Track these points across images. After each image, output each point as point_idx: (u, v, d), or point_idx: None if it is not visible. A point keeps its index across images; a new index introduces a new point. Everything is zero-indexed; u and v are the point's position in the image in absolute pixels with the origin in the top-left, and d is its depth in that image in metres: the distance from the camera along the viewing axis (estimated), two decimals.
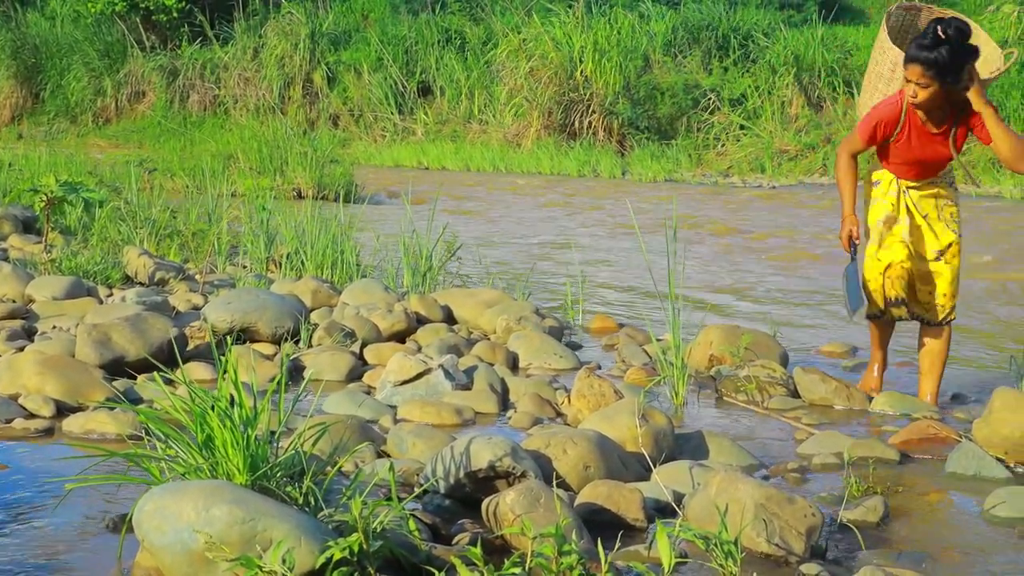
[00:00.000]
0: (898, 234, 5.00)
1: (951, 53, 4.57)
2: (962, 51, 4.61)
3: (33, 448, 4.10)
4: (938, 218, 5.07)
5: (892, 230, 5.02)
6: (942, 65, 4.59)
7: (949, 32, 4.56)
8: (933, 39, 4.58)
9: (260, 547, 2.66)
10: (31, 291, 6.47)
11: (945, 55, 4.57)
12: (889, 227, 5.03)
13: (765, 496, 3.18)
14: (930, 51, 4.58)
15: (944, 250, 5.05)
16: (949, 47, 4.57)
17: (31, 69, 27.43)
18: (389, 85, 24.57)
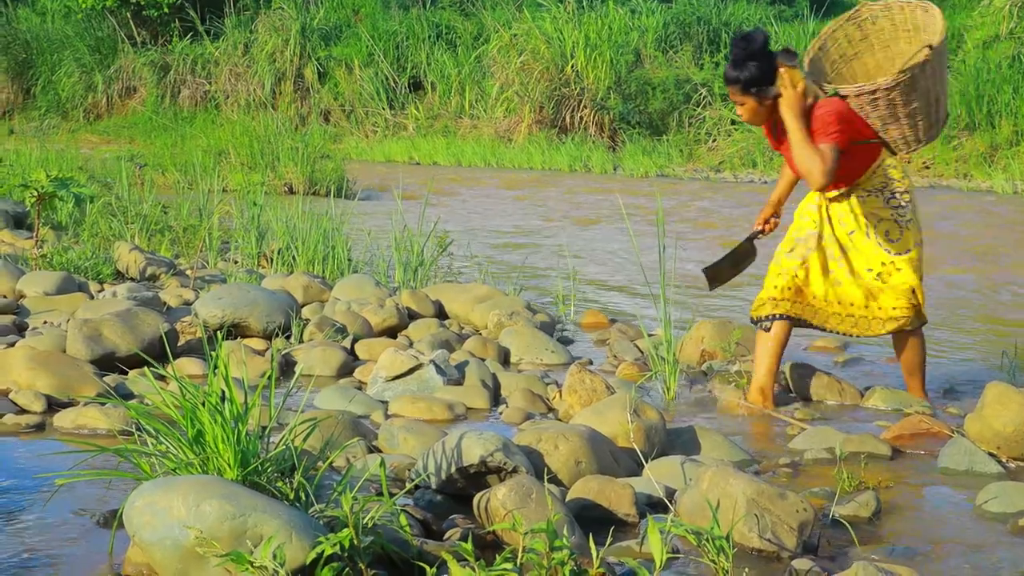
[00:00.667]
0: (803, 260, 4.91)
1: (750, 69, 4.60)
2: (761, 59, 4.60)
3: (24, 443, 4.08)
4: (867, 236, 4.84)
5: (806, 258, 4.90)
6: (747, 81, 4.62)
7: (744, 45, 4.62)
8: (732, 58, 4.65)
9: (251, 543, 2.65)
10: (22, 286, 6.45)
11: (745, 72, 4.61)
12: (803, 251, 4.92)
13: (757, 491, 3.18)
14: (733, 69, 4.64)
15: (879, 271, 4.82)
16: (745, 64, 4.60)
17: (22, 65, 27.35)
18: (380, 80, 24.53)
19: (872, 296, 4.83)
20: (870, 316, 4.85)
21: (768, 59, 4.60)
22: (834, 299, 4.87)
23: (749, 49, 4.59)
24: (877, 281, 4.81)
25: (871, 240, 4.82)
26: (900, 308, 4.80)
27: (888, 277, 4.80)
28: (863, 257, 4.83)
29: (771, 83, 4.60)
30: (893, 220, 4.83)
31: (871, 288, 4.82)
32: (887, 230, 4.83)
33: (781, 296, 4.88)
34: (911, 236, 4.84)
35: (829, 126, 4.55)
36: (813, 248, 4.88)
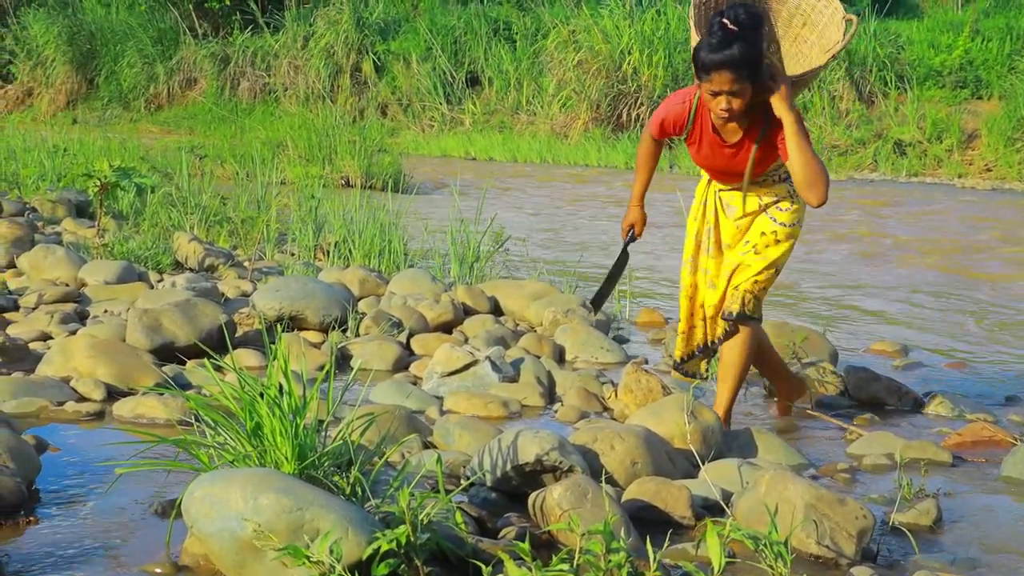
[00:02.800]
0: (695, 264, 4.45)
1: (752, 44, 3.82)
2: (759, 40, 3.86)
3: (84, 431, 4.13)
4: (760, 210, 4.31)
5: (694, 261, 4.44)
6: (751, 61, 3.82)
7: (742, 19, 3.81)
8: (725, 34, 3.80)
9: (307, 537, 2.66)
10: (84, 275, 6.53)
11: (749, 47, 3.80)
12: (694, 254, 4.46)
13: (816, 497, 3.15)
14: (729, 48, 3.79)
15: (755, 242, 4.28)
16: (747, 38, 3.80)
17: (86, 55, 27.70)
18: (438, 75, 24.56)
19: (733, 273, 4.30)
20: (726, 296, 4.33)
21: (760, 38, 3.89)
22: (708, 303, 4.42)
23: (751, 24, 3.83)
24: (749, 255, 4.26)
25: (763, 214, 4.30)
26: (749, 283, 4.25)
27: (764, 248, 4.25)
28: (748, 235, 4.30)
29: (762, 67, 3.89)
30: (787, 193, 4.29)
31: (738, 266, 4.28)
32: (780, 200, 4.29)
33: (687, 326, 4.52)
34: (800, 211, 4.32)
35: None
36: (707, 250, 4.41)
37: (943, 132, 19.37)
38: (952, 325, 7.37)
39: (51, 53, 27.58)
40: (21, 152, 12.96)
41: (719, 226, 4.38)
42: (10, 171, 11.60)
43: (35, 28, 27.66)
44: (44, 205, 9.74)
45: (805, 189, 3.97)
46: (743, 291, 4.24)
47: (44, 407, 4.30)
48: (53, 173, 11.59)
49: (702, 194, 4.47)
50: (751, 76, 3.83)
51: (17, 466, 3.31)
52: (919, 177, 18.73)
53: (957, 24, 21.94)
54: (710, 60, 3.81)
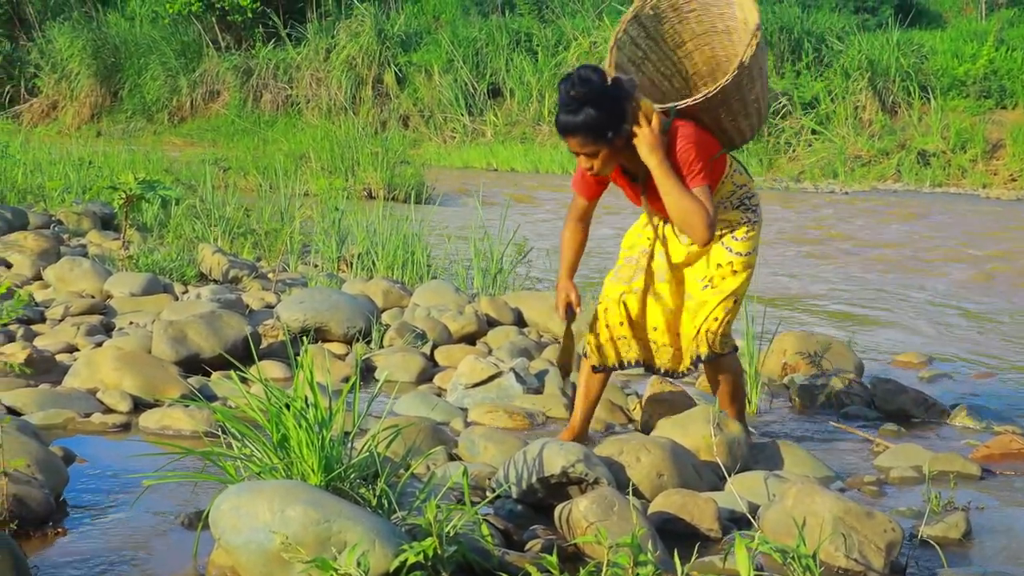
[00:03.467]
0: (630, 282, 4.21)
1: (600, 106, 3.70)
2: (609, 97, 3.73)
3: (111, 443, 4.15)
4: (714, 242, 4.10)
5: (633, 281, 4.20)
6: (599, 125, 3.72)
7: (577, 88, 3.69)
8: (570, 100, 3.70)
9: (335, 549, 2.66)
10: (109, 287, 6.57)
11: (596, 112, 3.69)
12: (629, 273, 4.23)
13: (843, 509, 3.13)
14: (575, 114, 3.70)
15: (711, 275, 4.10)
16: (594, 101, 3.69)
17: (110, 68, 27.88)
18: (459, 86, 24.63)
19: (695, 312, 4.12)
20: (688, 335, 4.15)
21: (612, 94, 3.74)
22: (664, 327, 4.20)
23: (590, 88, 3.70)
24: (705, 291, 4.08)
25: (716, 243, 4.09)
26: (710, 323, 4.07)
27: (720, 281, 4.08)
28: (701, 266, 4.13)
29: (622, 122, 3.76)
30: (743, 221, 4.11)
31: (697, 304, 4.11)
32: (734, 228, 4.10)
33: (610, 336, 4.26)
34: (755, 239, 4.14)
35: (693, 164, 3.83)
36: (643, 269, 4.20)
37: (967, 142, 19.30)
38: (978, 336, 7.33)
39: (76, 66, 27.77)
40: (47, 165, 13.04)
41: (668, 246, 4.18)
42: (36, 184, 11.67)
43: (60, 42, 27.86)
44: (70, 217, 9.79)
45: (684, 231, 3.90)
46: (705, 331, 4.08)
47: (71, 419, 4.32)
48: (78, 186, 11.66)
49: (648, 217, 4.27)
50: (601, 138, 3.75)
51: (45, 477, 3.32)
52: (943, 187, 18.66)
53: (981, 34, 21.87)
54: (559, 125, 3.78)
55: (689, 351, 4.13)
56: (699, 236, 3.82)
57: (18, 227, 8.99)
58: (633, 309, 4.18)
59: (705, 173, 3.87)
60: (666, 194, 3.80)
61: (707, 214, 3.79)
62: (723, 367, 4.23)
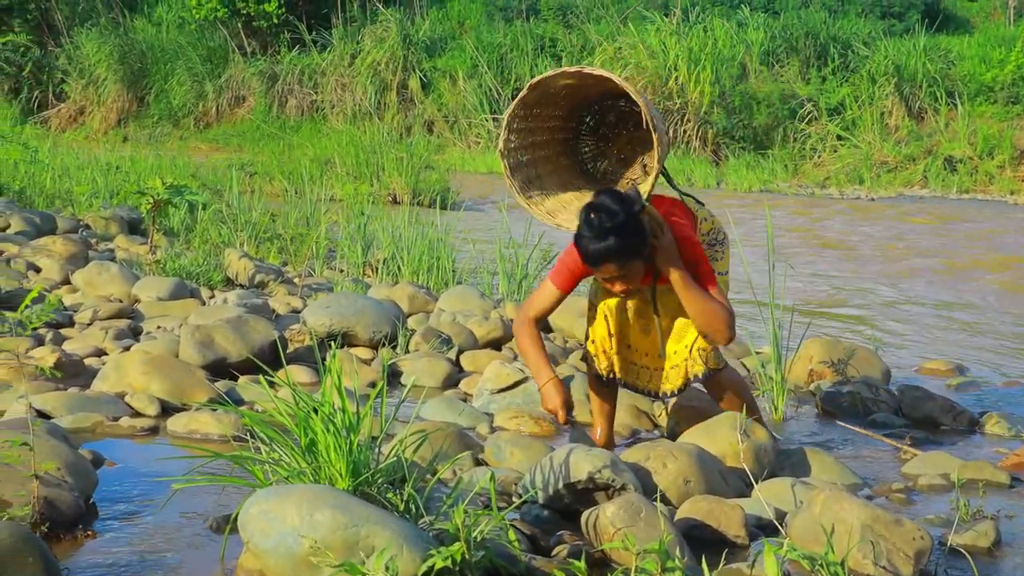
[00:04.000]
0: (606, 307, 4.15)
1: (628, 229, 3.70)
2: (638, 215, 3.73)
3: (139, 446, 4.17)
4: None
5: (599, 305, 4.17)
6: (632, 246, 3.73)
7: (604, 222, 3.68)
8: (598, 231, 3.69)
9: (363, 553, 2.67)
10: (137, 291, 6.61)
11: (626, 235, 3.70)
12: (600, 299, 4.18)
13: (872, 517, 3.11)
14: (606, 240, 3.68)
15: None
16: (623, 225, 3.68)
17: (137, 74, 28.07)
18: (484, 92, 24.66)
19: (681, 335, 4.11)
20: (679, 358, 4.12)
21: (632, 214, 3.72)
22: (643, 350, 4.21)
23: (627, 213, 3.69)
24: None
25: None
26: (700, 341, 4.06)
27: None
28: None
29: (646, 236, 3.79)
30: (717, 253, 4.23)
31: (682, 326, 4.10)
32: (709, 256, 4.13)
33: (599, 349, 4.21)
34: (725, 263, 4.23)
35: (703, 265, 3.92)
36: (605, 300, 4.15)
37: (995, 148, 19.18)
38: (1006, 343, 7.28)
39: (103, 72, 27.98)
40: (75, 170, 13.13)
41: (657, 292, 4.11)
42: (64, 188, 11.76)
43: (87, 47, 28.07)
44: (97, 222, 9.86)
45: (708, 334, 3.95)
46: (698, 350, 4.07)
47: (100, 422, 4.35)
48: (106, 190, 11.74)
49: None
50: (635, 257, 3.78)
51: (75, 481, 3.34)
52: (970, 194, 18.56)
53: (1009, 39, 21.75)
54: (592, 255, 3.76)
55: (681, 372, 4.11)
56: (722, 338, 3.92)
57: (47, 231, 9.06)
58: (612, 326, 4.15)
59: (711, 271, 3.95)
60: (690, 303, 3.88)
61: (728, 315, 3.88)
62: (724, 382, 4.24)
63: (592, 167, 4.38)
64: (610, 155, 4.40)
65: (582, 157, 4.39)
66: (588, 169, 4.38)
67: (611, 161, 4.40)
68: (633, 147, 4.38)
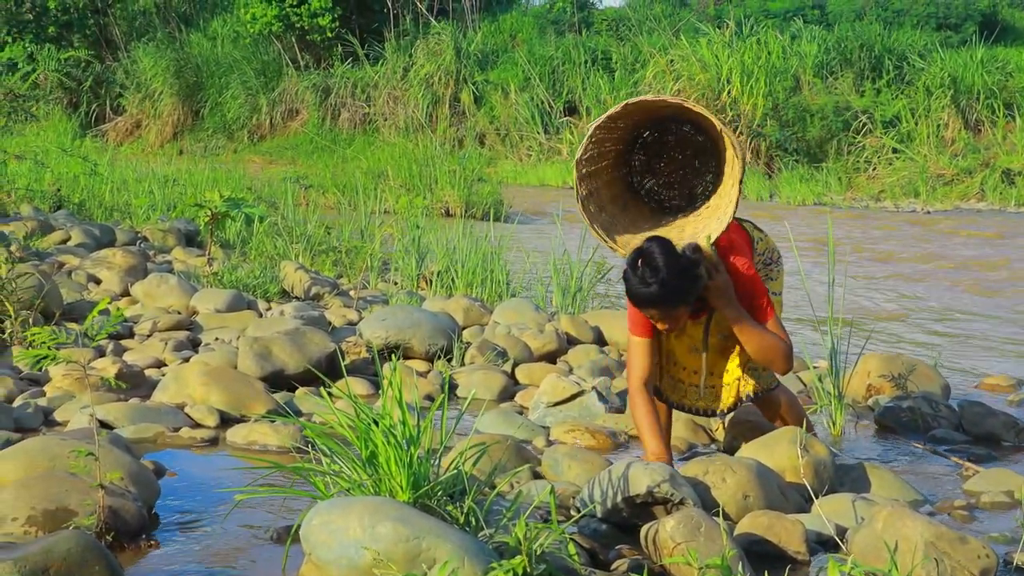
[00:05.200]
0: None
1: (674, 276, 3.71)
2: (685, 267, 3.74)
3: (199, 457, 4.21)
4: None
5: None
6: (676, 296, 3.74)
7: (647, 277, 3.71)
8: (643, 279, 3.72)
9: (425, 566, 2.68)
10: (195, 303, 6.67)
11: (671, 282, 3.71)
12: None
13: (935, 534, 3.08)
14: (650, 287, 3.70)
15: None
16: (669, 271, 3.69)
17: (192, 87, 28.39)
18: (536, 105, 24.69)
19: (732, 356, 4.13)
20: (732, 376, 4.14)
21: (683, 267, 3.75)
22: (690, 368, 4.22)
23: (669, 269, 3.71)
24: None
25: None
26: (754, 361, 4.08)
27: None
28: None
29: (696, 284, 3.81)
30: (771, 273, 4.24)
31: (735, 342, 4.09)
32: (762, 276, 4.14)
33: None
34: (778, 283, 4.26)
35: (760, 299, 3.95)
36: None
37: None
38: None
39: (159, 86, 28.32)
40: (132, 183, 13.30)
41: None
42: (122, 201, 11.91)
43: (144, 62, 28.43)
44: (155, 234, 9.98)
45: (767, 366, 4.02)
46: (750, 369, 4.11)
47: (160, 433, 4.40)
48: (163, 203, 11.88)
49: None
50: (683, 301, 3.79)
51: (138, 490, 3.39)
52: None
53: None
54: (636, 299, 3.80)
55: (732, 391, 4.12)
56: (780, 370, 3.99)
57: (106, 244, 9.19)
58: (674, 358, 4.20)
59: (770, 303, 3.98)
60: (747, 340, 3.92)
61: (785, 348, 3.93)
62: (776, 401, 4.26)
63: (638, 181, 4.36)
64: (659, 174, 4.38)
65: (630, 169, 4.37)
66: (633, 183, 4.37)
67: (658, 182, 4.38)
68: (685, 174, 4.35)
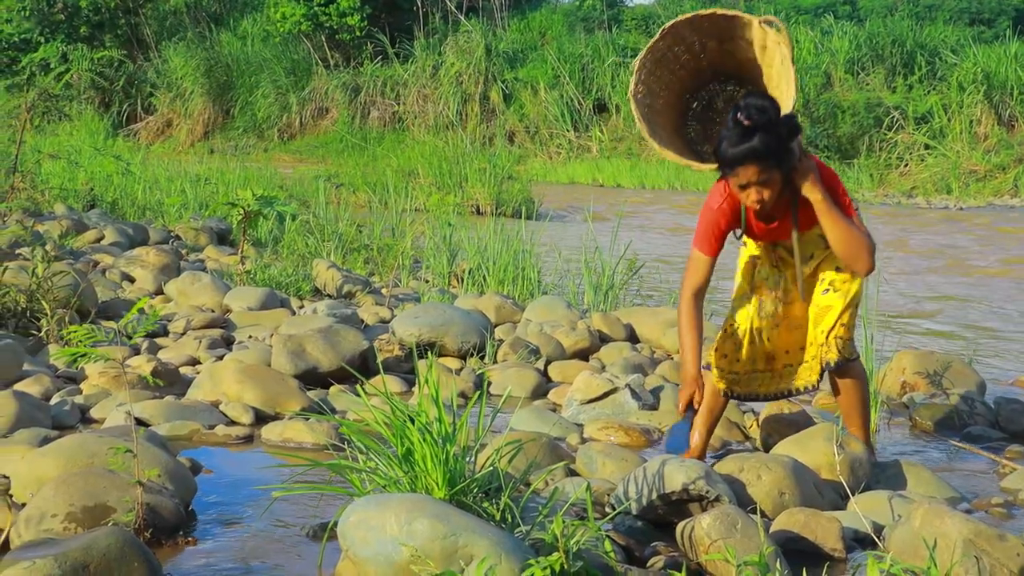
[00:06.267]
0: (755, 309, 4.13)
1: (771, 133, 3.66)
2: (781, 127, 3.69)
3: (234, 454, 4.23)
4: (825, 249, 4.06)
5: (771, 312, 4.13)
6: (775, 150, 3.67)
7: (753, 116, 3.63)
8: (743, 128, 3.66)
9: (462, 562, 2.68)
10: (228, 301, 6.71)
11: (769, 137, 3.65)
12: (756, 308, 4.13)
13: (974, 531, 3.05)
14: (751, 139, 3.65)
15: (832, 279, 4.05)
16: (765, 127, 3.65)
17: (223, 87, 28.57)
18: (565, 102, 24.70)
19: (819, 319, 4.06)
20: (816, 343, 4.08)
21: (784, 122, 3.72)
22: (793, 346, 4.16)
23: (766, 117, 3.66)
24: (828, 295, 4.04)
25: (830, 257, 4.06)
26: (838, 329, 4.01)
27: (842, 284, 4.02)
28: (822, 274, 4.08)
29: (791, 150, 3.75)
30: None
31: (820, 310, 4.05)
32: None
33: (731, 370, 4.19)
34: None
35: (844, 196, 3.88)
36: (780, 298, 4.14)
37: None
38: None
39: (190, 85, 28.50)
40: (164, 182, 13.38)
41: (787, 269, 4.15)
42: (155, 200, 11.99)
43: (175, 61, 28.62)
44: (187, 233, 10.04)
45: (849, 264, 3.87)
46: (834, 337, 4.02)
47: (196, 430, 4.42)
48: (195, 202, 11.94)
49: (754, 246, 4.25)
50: (777, 164, 3.72)
51: (175, 487, 3.41)
52: None
53: None
54: (733, 155, 3.69)
55: (818, 359, 4.07)
56: (864, 266, 3.84)
57: (139, 242, 9.25)
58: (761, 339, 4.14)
59: (852, 204, 3.89)
60: (831, 227, 3.79)
61: (870, 244, 3.81)
62: (851, 372, 4.14)
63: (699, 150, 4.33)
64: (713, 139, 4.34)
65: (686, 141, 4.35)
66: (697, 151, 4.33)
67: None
68: None
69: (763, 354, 4.17)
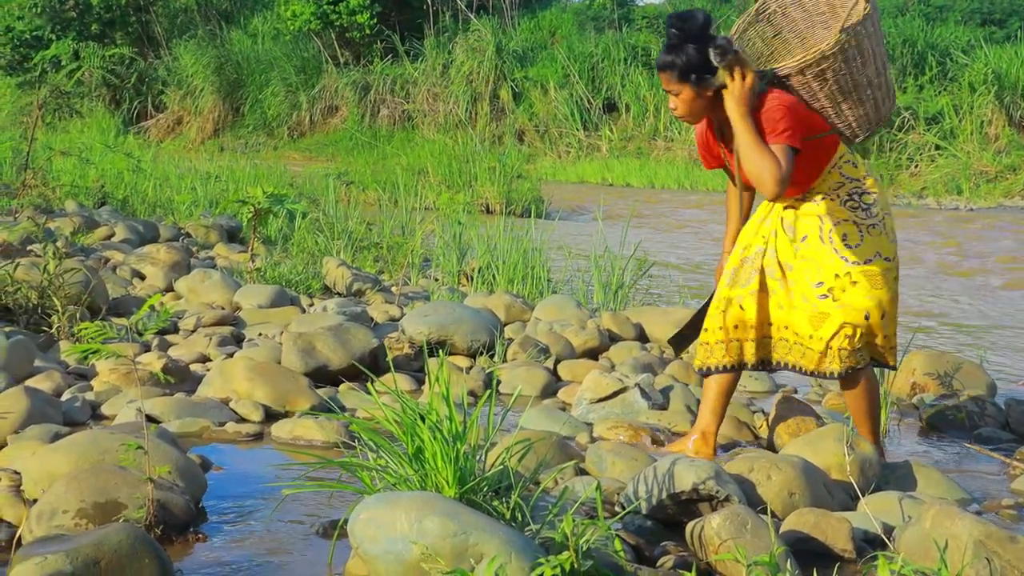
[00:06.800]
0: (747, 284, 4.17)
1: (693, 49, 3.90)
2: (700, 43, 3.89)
3: (244, 451, 4.24)
4: (821, 240, 4.07)
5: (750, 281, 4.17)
6: (687, 65, 3.92)
7: (686, 25, 3.91)
8: (668, 39, 3.97)
9: (472, 560, 2.69)
10: (238, 299, 6.72)
11: (688, 53, 3.90)
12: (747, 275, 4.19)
13: (985, 533, 3.05)
14: (669, 53, 3.95)
15: (831, 285, 4.03)
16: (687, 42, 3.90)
17: (233, 84, 28.62)
18: (575, 101, 24.70)
19: (817, 323, 4.04)
20: (815, 348, 4.07)
21: (708, 44, 3.89)
22: (780, 323, 4.15)
23: (687, 29, 3.92)
24: (826, 301, 4.02)
25: (826, 246, 4.06)
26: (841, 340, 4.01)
27: (841, 293, 4.01)
28: (813, 269, 4.06)
29: (712, 72, 3.90)
30: (852, 222, 4.07)
31: (817, 313, 4.04)
32: (845, 233, 4.05)
33: (728, 338, 4.20)
34: (873, 244, 4.07)
35: (778, 123, 3.85)
36: (758, 268, 4.16)
37: None
38: None
39: (200, 83, 28.55)
40: (174, 179, 13.41)
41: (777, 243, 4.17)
42: (165, 197, 12.01)
43: (185, 59, 28.67)
44: (198, 230, 10.05)
45: (755, 184, 3.94)
46: (837, 349, 4.01)
47: (206, 427, 4.43)
48: (205, 199, 11.97)
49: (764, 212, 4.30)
50: (685, 78, 3.96)
51: (186, 484, 3.41)
52: None
53: None
54: (656, 63, 4.09)
55: (821, 366, 4.07)
56: (767, 190, 3.87)
57: (149, 239, 9.26)
58: (750, 310, 4.15)
59: (790, 135, 3.86)
60: (741, 145, 3.88)
61: (778, 168, 3.81)
62: (858, 380, 4.14)
63: None
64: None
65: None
66: None
67: None
68: None
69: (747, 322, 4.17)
